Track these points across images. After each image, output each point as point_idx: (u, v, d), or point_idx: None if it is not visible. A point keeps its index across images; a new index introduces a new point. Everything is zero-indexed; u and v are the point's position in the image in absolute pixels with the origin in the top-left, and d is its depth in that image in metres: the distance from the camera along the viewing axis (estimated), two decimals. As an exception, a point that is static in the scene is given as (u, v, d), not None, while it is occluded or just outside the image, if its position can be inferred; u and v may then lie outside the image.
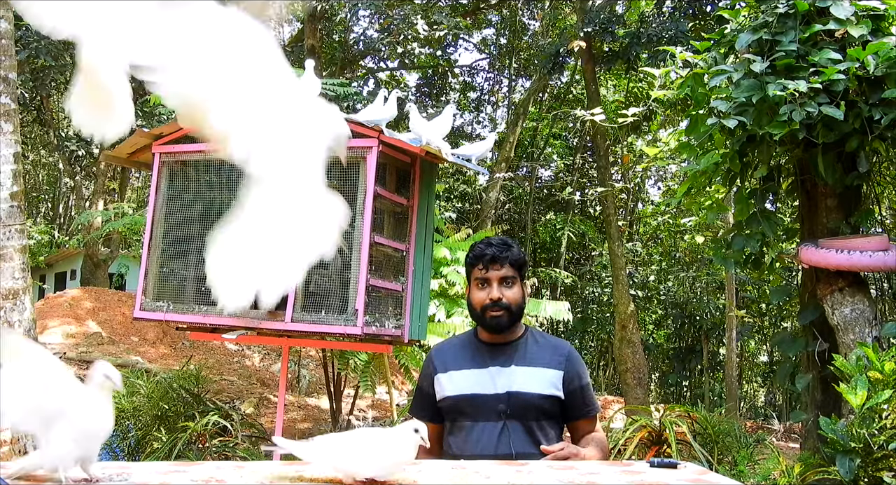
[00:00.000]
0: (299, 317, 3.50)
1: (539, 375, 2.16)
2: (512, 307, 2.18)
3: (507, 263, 2.19)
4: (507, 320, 2.18)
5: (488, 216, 15.21)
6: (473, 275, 2.23)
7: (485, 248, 2.21)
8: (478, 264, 2.20)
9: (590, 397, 2.25)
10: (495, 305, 2.17)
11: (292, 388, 11.25)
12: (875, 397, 3.11)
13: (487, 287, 2.19)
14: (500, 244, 2.21)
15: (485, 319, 2.19)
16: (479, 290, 2.21)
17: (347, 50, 15.38)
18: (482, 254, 2.20)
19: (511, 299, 2.18)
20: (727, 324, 12.61)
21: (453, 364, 2.22)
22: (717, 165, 4.35)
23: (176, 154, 3.96)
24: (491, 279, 2.19)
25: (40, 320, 9.48)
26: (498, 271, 2.18)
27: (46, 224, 23.10)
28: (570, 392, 2.18)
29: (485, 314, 2.19)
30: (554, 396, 2.15)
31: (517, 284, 2.22)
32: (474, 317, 2.25)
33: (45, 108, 14.85)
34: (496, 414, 2.11)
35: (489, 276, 2.19)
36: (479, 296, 2.20)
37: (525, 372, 2.16)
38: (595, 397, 2.30)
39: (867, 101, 3.65)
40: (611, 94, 17.69)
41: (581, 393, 2.20)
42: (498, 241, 2.23)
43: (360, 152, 3.53)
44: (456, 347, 2.29)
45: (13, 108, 5.10)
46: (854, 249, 3.78)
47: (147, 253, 3.92)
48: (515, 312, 2.20)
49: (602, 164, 11.80)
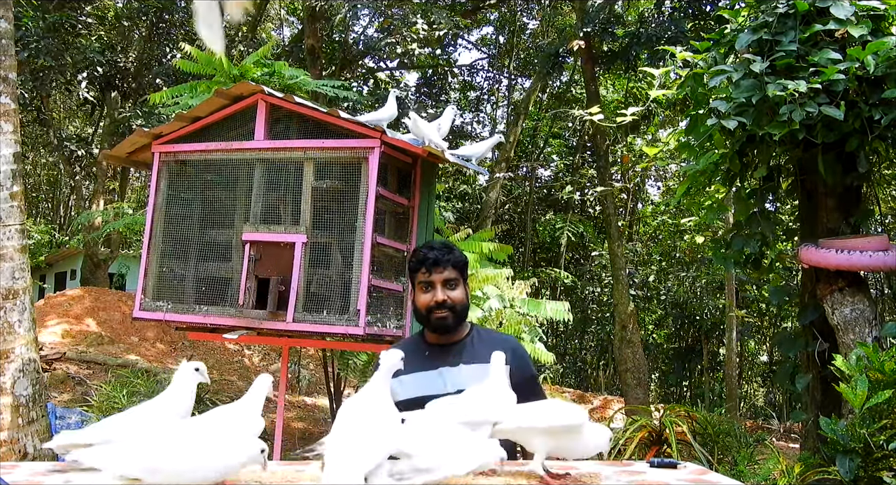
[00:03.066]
0: (300, 317, 3.50)
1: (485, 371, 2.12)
2: (456, 308, 2.25)
3: (449, 266, 2.25)
4: (452, 321, 2.24)
5: (488, 216, 15.20)
6: (417, 279, 2.28)
7: (427, 252, 2.27)
8: (421, 268, 2.25)
9: (537, 389, 2.29)
10: (440, 307, 2.23)
11: (292, 388, 11.25)
12: (875, 397, 3.12)
13: (432, 290, 2.25)
14: (442, 248, 2.28)
15: (430, 320, 2.25)
16: (423, 293, 2.26)
17: (347, 50, 15.38)
18: (424, 258, 2.25)
19: (455, 300, 2.25)
20: (727, 324, 12.62)
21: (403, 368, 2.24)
22: (716, 165, 4.35)
23: (175, 153, 3.96)
24: (434, 282, 2.24)
25: (40, 320, 9.48)
26: (441, 274, 2.24)
27: (46, 224, 23.10)
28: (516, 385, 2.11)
29: (430, 316, 2.24)
30: None
31: (460, 285, 2.28)
32: (420, 319, 2.31)
33: (45, 108, 14.84)
34: None
35: (433, 279, 2.24)
36: (423, 298, 2.25)
37: (472, 370, 2.20)
38: (543, 391, 2.35)
39: (867, 101, 3.65)
40: (610, 94, 17.69)
41: (526, 385, 2.20)
42: (439, 244, 2.31)
43: (362, 153, 3.53)
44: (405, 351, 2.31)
45: (13, 108, 5.10)
46: (854, 249, 3.78)
47: (147, 252, 3.92)
48: (460, 312, 2.26)
49: (602, 164, 11.80)
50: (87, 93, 14.52)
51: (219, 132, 3.92)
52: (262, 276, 3.59)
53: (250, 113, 3.84)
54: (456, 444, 1.60)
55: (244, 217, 3.75)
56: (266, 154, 3.73)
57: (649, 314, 17.60)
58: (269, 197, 3.75)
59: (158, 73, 13.84)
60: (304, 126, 3.77)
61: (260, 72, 6.90)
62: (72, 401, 8.16)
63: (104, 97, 15.41)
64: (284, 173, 3.74)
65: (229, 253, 3.81)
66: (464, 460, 1.54)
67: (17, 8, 9.98)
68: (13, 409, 4.81)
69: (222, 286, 3.77)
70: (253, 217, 3.69)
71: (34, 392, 4.92)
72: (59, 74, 12.96)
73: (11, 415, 4.80)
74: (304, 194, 3.60)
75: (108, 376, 9.06)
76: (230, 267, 3.77)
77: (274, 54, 11.31)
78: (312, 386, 11.91)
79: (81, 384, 9.26)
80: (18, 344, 4.88)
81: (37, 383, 4.97)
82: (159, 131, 4.01)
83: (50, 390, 7.80)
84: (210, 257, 3.87)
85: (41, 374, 5.15)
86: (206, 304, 3.76)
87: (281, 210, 3.73)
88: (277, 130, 3.85)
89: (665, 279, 17.03)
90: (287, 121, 3.87)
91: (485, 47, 19.40)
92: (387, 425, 1.54)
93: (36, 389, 4.95)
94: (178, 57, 8.61)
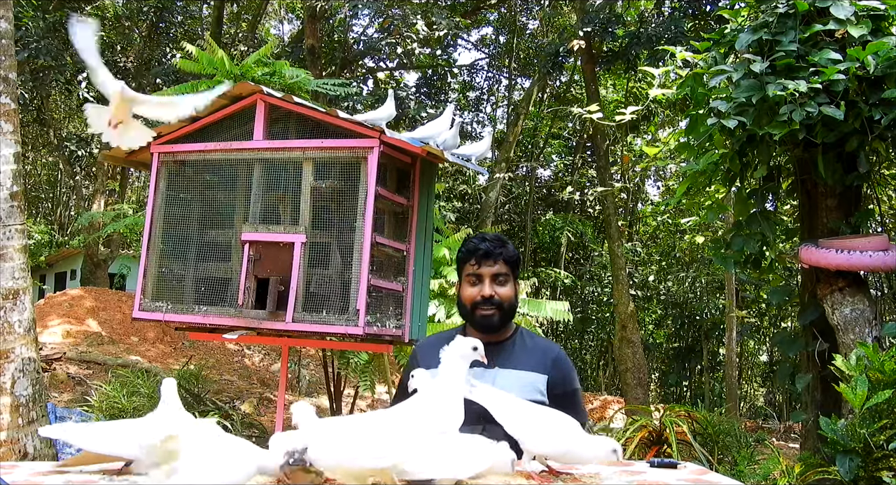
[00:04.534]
0: (300, 317, 3.49)
1: (522, 378, 2.06)
2: (504, 305, 2.10)
3: (500, 260, 2.10)
4: (497, 319, 2.10)
5: (488, 216, 15.20)
6: (465, 270, 2.13)
7: (479, 242, 2.12)
8: (470, 259, 2.11)
9: (577, 405, 2.12)
10: (486, 303, 2.08)
11: (292, 388, 11.25)
12: (875, 397, 3.12)
13: (479, 283, 2.10)
14: (495, 240, 2.13)
15: (474, 316, 2.11)
16: (470, 286, 2.12)
17: (347, 50, 15.38)
18: (475, 249, 2.11)
19: (504, 297, 2.09)
20: (727, 324, 12.62)
21: (436, 362, 2.10)
22: (716, 165, 4.35)
23: (175, 154, 3.95)
24: (483, 275, 2.10)
25: (40, 320, 9.48)
26: (491, 268, 2.09)
27: (46, 224, 23.10)
28: (555, 397, 2.06)
29: (475, 312, 2.10)
30: (536, 401, 2.02)
31: (510, 281, 2.12)
32: (463, 314, 2.17)
33: (45, 109, 14.85)
34: (475, 417, 1.92)
35: (482, 272, 2.10)
36: (470, 292, 2.11)
37: (508, 375, 2.06)
38: (584, 406, 2.19)
39: (867, 101, 3.65)
40: (610, 94, 17.69)
41: (566, 399, 2.07)
42: (493, 236, 2.16)
43: (361, 153, 3.52)
44: (441, 344, 2.18)
45: (13, 108, 5.10)
46: (854, 249, 3.78)
47: (146, 253, 3.91)
48: (507, 310, 2.11)
49: (602, 164, 11.80)
50: (87, 93, 14.51)
51: (218, 132, 3.92)
52: (261, 276, 3.59)
53: (249, 113, 3.84)
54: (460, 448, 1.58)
55: (243, 217, 3.74)
56: (265, 154, 3.73)
57: (649, 314, 17.61)
58: (269, 197, 3.75)
59: (158, 73, 13.84)
60: (303, 126, 3.77)
61: (261, 71, 6.90)
62: (72, 401, 8.15)
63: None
64: (283, 173, 3.73)
65: (228, 253, 3.80)
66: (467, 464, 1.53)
67: (17, 8, 9.98)
68: (13, 409, 4.81)
69: (222, 286, 3.77)
70: (252, 217, 3.69)
71: (34, 392, 4.92)
72: (59, 74, 12.96)
73: (11, 415, 4.80)
74: (303, 194, 3.60)
75: (108, 376, 9.05)
76: (229, 267, 3.77)
77: (274, 54, 11.31)
78: (312, 386, 11.91)
79: (81, 384, 9.26)
80: (18, 344, 4.87)
81: (37, 383, 4.97)
82: (158, 131, 4.01)
83: (50, 390, 7.80)
84: (209, 257, 3.86)
85: (41, 374, 5.15)
86: (206, 304, 3.75)
87: (280, 210, 3.72)
88: (276, 130, 3.85)
89: (665, 279, 17.03)
90: (286, 121, 3.87)
91: (485, 47, 19.40)
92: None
93: (36, 389, 4.94)
94: (178, 57, 8.61)
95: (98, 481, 1.59)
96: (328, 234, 3.59)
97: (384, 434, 1.52)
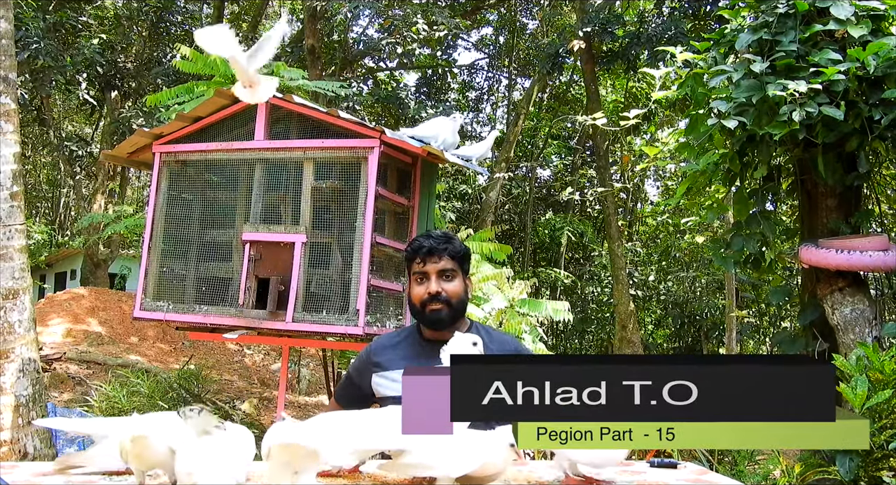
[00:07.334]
0: (300, 317, 3.50)
1: None
2: (452, 301, 2.08)
3: (445, 256, 2.09)
4: (446, 315, 2.08)
5: (488, 216, 15.20)
6: (412, 269, 2.14)
7: (423, 241, 2.13)
8: (415, 258, 2.11)
9: None
10: (434, 299, 2.07)
11: (292, 387, 11.25)
12: (875, 397, 3.12)
13: (426, 281, 2.09)
14: (440, 237, 2.13)
15: (424, 314, 2.10)
16: (417, 284, 2.11)
17: (347, 50, 15.38)
18: (419, 246, 2.11)
19: (451, 293, 2.09)
20: (727, 324, 12.61)
21: (392, 363, 2.12)
22: (716, 165, 4.35)
23: (176, 154, 3.96)
24: (429, 273, 2.09)
25: (40, 320, 9.48)
26: (436, 264, 2.09)
27: (46, 224, 23.09)
28: None
29: (424, 309, 2.09)
30: None
31: (458, 277, 2.12)
32: (414, 313, 2.16)
33: (45, 108, 14.84)
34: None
35: (427, 269, 2.09)
36: (417, 290, 2.10)
37: None
38: None
39: (867, 101, 3.65)
40: (610, 94, 17.69)
41: None
42: (438, 234, 2.16)
43: (361, 153, 3.53)
44: (395, 344, 2.19)
45: (13, 108, 5.10)
46: (854, 249, 3.78)
47: (147, 252, 3.92)
48: (456, 306, 2.10)
49: (602, 164, 11.82)
50: (86, 93, 14.52)
51: (219, 132, 3.93)
52: (261, 276, 3.60)
53: (250, 113, 3.85)
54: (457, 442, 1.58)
55: (244, 217, 3.75)
56: (266, 154, 3.74)
57: (649, 314, 17.61)
58: (269, 197, 3.76)
59: (158, 73, 13.84)
60: (304, 126, 3.78)
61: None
62: (72, 401, 8.15)
63: (104, 97, 15.41)
64: (284, 173, 3.74)
65: (229, 253, 3.81)
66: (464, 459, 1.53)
67: (17, 8, 9.98)
68: (13, 409, 4.81)
69: (222, 286, 3.78)
70: (253, 217, 3.69)
71: (34, 392, 4.92)
72: (59, 74, 12.95)
73: (11, 415, 4.80)
74: (303, 194, 3.61)
75: (108, 375, 9.06)
76: (230, 267, 3.77)
77: (274, 55, 11.30)
78: (312, 386, 11.90)
79: (81, 384, 9.26)
80: (18, 344, 4.87)
81: (37, 382, 4.97)
82: (160, 131, 4.02)
83: (50, 390, 7.80)
84: (210, 257, 3.87)
85: (41, 374, 5.15)
86: (206, 304, 3.76)
87: (281, 210, 3.73)
88: (277, 130, 3.86)
89: (665, 279, 17.03)
90: (287, 121, 3.88)
91: (485, 47, 19.39)
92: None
93: (36, 389, 4.94)
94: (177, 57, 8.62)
95: (98, 481, 1.59)
96: (328, 234, 3.60)
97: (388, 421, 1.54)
